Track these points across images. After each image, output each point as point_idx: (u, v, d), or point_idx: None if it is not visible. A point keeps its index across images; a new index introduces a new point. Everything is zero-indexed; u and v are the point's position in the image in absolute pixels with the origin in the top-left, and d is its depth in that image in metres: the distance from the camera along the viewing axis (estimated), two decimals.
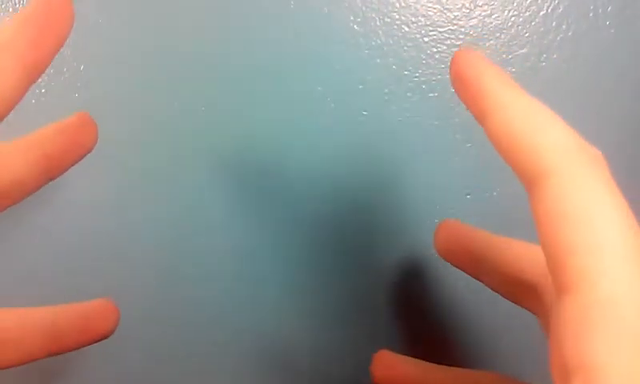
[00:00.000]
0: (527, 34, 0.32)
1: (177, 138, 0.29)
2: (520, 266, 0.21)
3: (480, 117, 0.18)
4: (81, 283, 0.29)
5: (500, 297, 0.22)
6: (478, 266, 0.22)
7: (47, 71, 0.28)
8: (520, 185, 0.33)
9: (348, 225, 0.29)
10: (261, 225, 0.30)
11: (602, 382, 0.09)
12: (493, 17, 0.32)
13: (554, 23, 0.32)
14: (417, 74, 0.31)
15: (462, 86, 0.18)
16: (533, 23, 0.32)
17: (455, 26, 0.31)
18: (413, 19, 0.31)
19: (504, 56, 0.32)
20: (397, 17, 0.31)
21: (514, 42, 0.32)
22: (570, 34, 0.32)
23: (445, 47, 0.31)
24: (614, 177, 0.17)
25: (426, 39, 0.31)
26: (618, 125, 0.32)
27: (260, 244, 0.30)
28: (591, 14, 0.32)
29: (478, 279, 0.23)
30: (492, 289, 0.22)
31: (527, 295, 0.20)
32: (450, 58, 0.32)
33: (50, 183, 0.22)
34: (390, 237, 0.29)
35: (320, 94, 0.30)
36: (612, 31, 0.32)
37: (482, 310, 0.30)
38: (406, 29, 0.31)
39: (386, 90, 0.31)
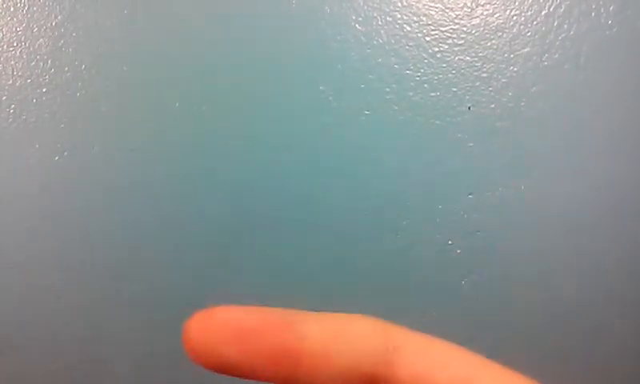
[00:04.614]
0: (529, 34, 0.32)
1: (177, 137, 0.29)
2: (356, 356, 0.19)
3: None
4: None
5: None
6: (289, 363, 0.18)
7: (48, 71, 0.28)
8: (522, 185, 0.33)
9: (349, 223, 0.29)
10: (261, 223, 0.30)
11: None
12: (495, 16, 0.31)
13: (555, 23, 0.32)
14: (418, 74, 0.31)
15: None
16: (535, 22, 0.32)
17: (457, 26, 0.31)
18: (414, 18, 0.31)
19: (506, 56, 0.32)
20: (398, 16, 0.31)
21: (516, 42, 0.32)
22: (571, 33, 0.32)
23: (446, 46, 0.31)
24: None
25: (427, 38, 0.31)
26: (618, 123, 0.32)
27: (259, 240, 0.30)
28: (593, 14, 0.32)
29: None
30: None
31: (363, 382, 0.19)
32: (451, 57, 0.32)
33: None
34: (392, 236, 0.29)
35: (322, 93, 0.30)
36: (614, 30, 0.32)
37: (483, 307, 0.29)
38: (408, 28, 0.31)
39: (388, 90, 0.31)
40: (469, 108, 0.31)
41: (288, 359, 0.20)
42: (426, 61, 0.31)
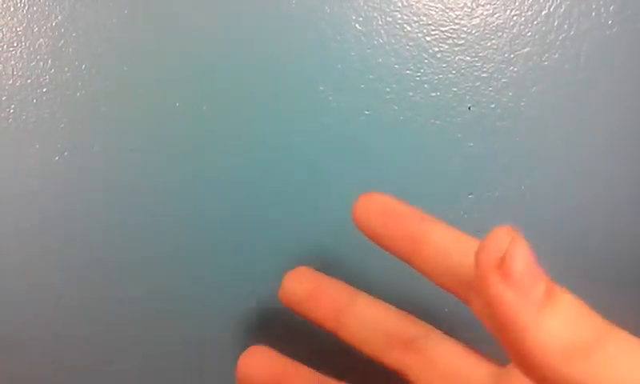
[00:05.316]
0: (529, 34, 0.32)
1: (177, 137, 0.29)
2: (467, 258, 0.20)
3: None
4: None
5: None
6: (414, 247, 0.21)
7: (48, 71, 0.28)
8: (522, 185, 0.33)
9: (349, 223, 0.29)
10: (260, 223, 0.30)
11: None
12: (495, 16, 0.32)
13: (555, 22, 0.32)
14: (418, 74, 0.31)
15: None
16: (535, 22, 0.32)
17: (457, 25, 0.31)
18: (414, 18, 0.31)
19: (506, 55, 0.32)
20: (398, 16, 0.31)
21: (516, 42, 0.32)
22: (571, 33, 0.32)
23: (447, 46, 0.31)
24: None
25: (427, 38, 0.31)
26: (618, 123, 0.32)
27: (258, 240, 0.30)
28: (593, 13, 0.32)
29: (405, 260, 0.21)
30: (422, 272, 0.21)
31: (466, 287, 0.20)
32: (452, 57, 0.32)
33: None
34: None
35: (322, 93, 0.30)
36: (614, 30, 0.32)
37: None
38: (408, 28, 0.31)
39: (388, 90, 0.31)
40: (469, 108, 0.31)
41: (412, 243, 0.24)
42: (426, 61, 0.31)
